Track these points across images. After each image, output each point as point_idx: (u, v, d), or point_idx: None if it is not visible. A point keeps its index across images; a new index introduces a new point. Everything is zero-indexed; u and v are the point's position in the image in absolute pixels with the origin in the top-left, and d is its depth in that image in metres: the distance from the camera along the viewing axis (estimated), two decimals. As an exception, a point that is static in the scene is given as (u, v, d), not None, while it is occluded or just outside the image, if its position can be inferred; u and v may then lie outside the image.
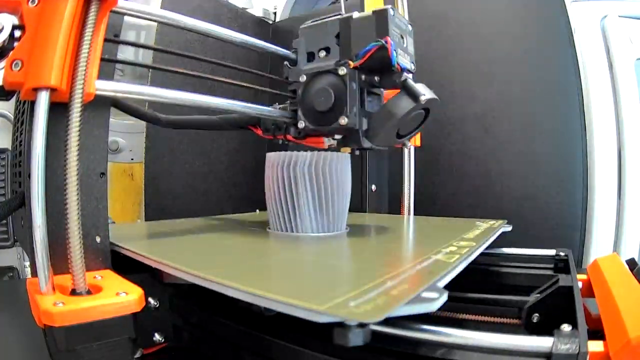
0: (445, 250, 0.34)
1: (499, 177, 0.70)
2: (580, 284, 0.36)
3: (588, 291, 0.37)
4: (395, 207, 0.72)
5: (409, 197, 0.70)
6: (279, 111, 0.47)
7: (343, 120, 0.42)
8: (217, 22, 0.44)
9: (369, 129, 0.43)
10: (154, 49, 0.58)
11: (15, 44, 0.30)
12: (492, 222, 0.52)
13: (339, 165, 0.45)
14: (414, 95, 0.39)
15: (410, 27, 0.45)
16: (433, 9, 0.77)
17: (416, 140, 0.68)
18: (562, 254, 0.44)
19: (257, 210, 0.77)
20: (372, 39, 0.40)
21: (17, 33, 0.30)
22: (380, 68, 0.42)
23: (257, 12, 0.97)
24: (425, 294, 0.22)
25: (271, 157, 0.46)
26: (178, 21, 0.40)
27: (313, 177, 0.44)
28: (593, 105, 0.68)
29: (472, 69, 0.73)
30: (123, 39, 0.40)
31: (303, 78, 0.45)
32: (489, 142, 0.71)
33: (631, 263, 0.38)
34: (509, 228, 0.51)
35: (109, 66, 0.37)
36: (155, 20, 0.40)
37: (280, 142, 0.52)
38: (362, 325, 0.20)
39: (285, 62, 0.47)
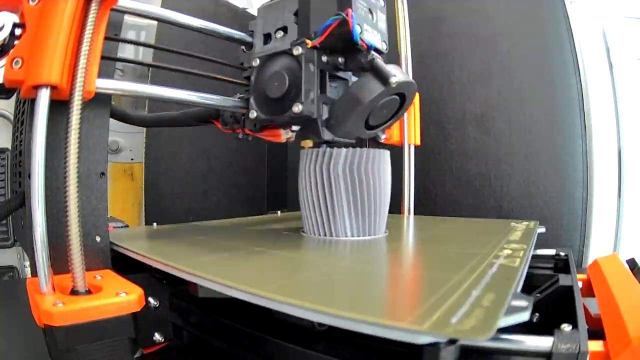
0: (502, 254, 0.32)
1: (499, 177, 0.70)
2: (580, 284, 0.36)
3: (588, 291, 0.37)
4: (395, 207, 0.72)
5: (409, 197, 0.70)
6: (231, 100, 0.42)
7: (297, 108, 0.35)
8: (217, 22, 0.44)
9: (330, 118, 0.37)
10: (154, 47, 0.58)
11: (16, 41, 0.30)
12: (525, 222, 0.51)
13: (380, 163, 0.41)
14: (383, 78, 0.34)
15: (382, 2, 0.40)
16: (433, 9, 0.77)
17: (416, 139, 0.68)
18: (562, 253, 0.44)
19: (279, 212, 0.75)
20: (334, 14, 0.34)
21: (18, 31, 0.31)
22: (345, 48, 0.36)
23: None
24: (515, 303, 0.20)
25: (305, 153, 0.42)
26: (178, 20, 0.41)
27: (355, 176, 0.39)
28: (593, 105, 0.68)
29: (472, 69, 0.73)
30: (123, 37, 0.40)
31: (256, 62, 0.39)
32: (489, 142, 0.71)
33: (631, 263, 0.38)
34: (543, 229, 0.49)
35: (109, 66, 0.37)
36: (155, 19, 0.40)
37: (240, 136, 0.47)
38: (451, 342, 0.18)
39: (242, 47, 0.43)
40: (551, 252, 0.46)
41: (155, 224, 0.55)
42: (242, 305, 0.25)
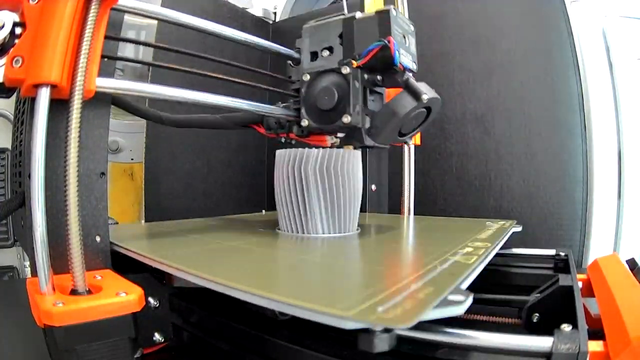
0: (461, 252, 0.33)
1: (499, 177, 0.70)
2: (580, 284, 0.36)
3: (588, 291, 0.37)
4: (395, 207, 0.72)
5: (409, 197, 0.70)
6: (282, 109, 0.48)
7: (346, 119, 0.42)
8: (217, 22, 0.44)
9: (371, 127, 0.43)
10: (153, 46, 0.58)
11: (16, 40, 0.30)
12: (502, 222, 0.52)
13: (351, 163, 0.44)
14: (416, 95, 0.40)
15: (412, 27, 0.45)
16: (433, 9, 0.77)
17: (416, 138, 0.68)
18: (562, 253, 0.44)
19: (263, 211, 0.76)
20: (375, 38, 0.40)
21: (18, 30, 0.31)
22: (383, 67, 0.42)
23: (257, 12, 0.97)
24: (452, 297, 0.21)
25: (280, 154, 0.45)
26: (178, 19, 0.41)
27: (324, 175, 0.43)
28: (593, 105, 0.68)
29: (472, 69, 0.73)
30: (123, 37, 0.40)
31: (306, 77, 0.45)
32: (489, 142, 0.71)
33: (631, 263, 0.38)
34: (519, 228, 0.50)
35: (109, 66, 0.37)
36: (155, 18, 0.40)
37: (283, 140, 0.52)
38: (387, 331, 0.19)
39: (289, 61, 0.48)
40: (551, 252, 0.46)
41: (142, 220, 0.56)
42: (242, 305, 0.25)
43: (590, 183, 0.67)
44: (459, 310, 0.20)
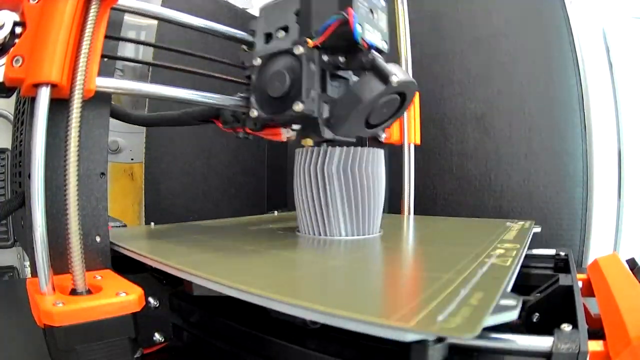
0: (494, 253, 0.32)
1: (499, 177, 0.70)
2: (580, 284, 0.36)
3: (588, 291, 0.37)
4: (395, 207, 0.72)
5: (409, 197, 0.70)
6: (232, 99, 0.42)
7: (297, 106, 0.36)
8: (216, 22, 0.44)
9: (331, 117, 0.38)
10: (153, 46, 0.58)
11: (16, 40, 0.30)
12: (521, 222, 0.51)
13: (374, 162, 0.42)
14: (383, 77, 0.35)
15: (382, 2, 0.40)
16: (433, 9, 0.77)
17: (416, 138, 0.68)
18: (562, 253, 0.44)
19: (276, 212, 0.75)
20: (335, 13, 0.35)
21: (18, 30, 0.31)
22: (346, 47, 0.37)
23: (257, 12, 0.97)
24: (503, 302, 0.20)
25: (299, 153, 0.42)
26: (178, 19, 0.41)
27: (348, 175, 0.40)
28: (593, 105, 0.68)
29: (472, 69, 0.73)
30: (123, 36, 0.40)
31: (257, 61, 0.40)
32: (489, 142, 0.71)
33: (631, 263, 0.38)
34: (538, 229, 0.49)
35: (109, 66, 0.37)
36: (155, 18, 0.40)
37: (241, 135, 0.47)
38: (440, 340, 0.18)
39: (242, 46, 0.43)
40: (551, 252, 0.46)
41: (152, 223, 0.56)
42: (242, 305, 0.25)
43: (590, 183, 0.67)
44: (513, 315, 0.19)
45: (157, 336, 0.38)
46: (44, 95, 0.30)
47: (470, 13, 0.74)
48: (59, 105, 0.31)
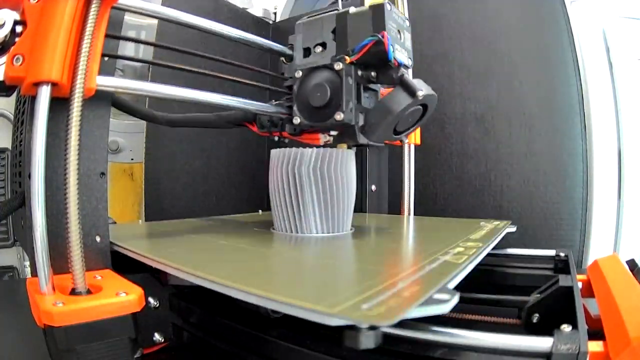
0: (452, 251, 0.33)
1: (499, 177, 0.70)
2: (580, 284, 0.36)
3: (588, 291, 0.37)
4: (395, 207, 0.72)
5: (409, 197, 0.70)
6: (274, 107, 0.47)
7: (339, 116, 0.41)
8: (217, 22, 0.44)
9: (365, 125, 0.42)
10: (153, 45, 0.58)
11: (17, 39, 0.30)
12: (496, 222, 0.52)
13: (345, 163, 0.44)
14: (411, 91, 0.39)
15: (407, 23, 0.44)
16: (433, 9, 0.77)
17: (416, 138, 0.68)
18: (562, 254, 0.44)
19: (260, 211, 0.76)
20: (369, 34, 0.39)
21: (19, 28, 0.31)
22: (377, 63, 0.41)
23: (257, 12, 0.97)
24: (437, 296, 0.21)
25: (274, 154, 0.45)
26: (178, 18, 0.41)
27: (318, 176, 0.43)
28: (593, 105, 0.68)
29: (472, 69, 0.73)
30: (123, 35, 0.40)
31: (299, 74, 0.44)
32: (489, 142, 0.71)
33: (631, 263, 0.38)
34: (513, 229, 0.50)
35: (110, 65, 0.37)
36: (155, 17, 0.40)
37: (277, 139, 0.52)
38: (373, 328, 0.19)
39: (281, 58, 0.47)
40: (551, 252, 0.46)
41: (140, 220, 0.57)
42: (237, 303, 0.25)
43: (590, 183, 0.67)
44: (443, 309, 0.20)
45: (157, 336, 0.38)
46: (44, 94, 0.30)
47: (470, 13, 0.74)
48: (59, 104, 0.31)
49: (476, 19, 0.74)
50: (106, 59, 0.37)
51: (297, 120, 0.44)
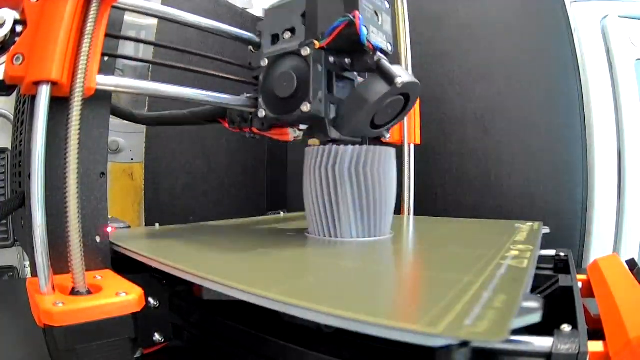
0: (509, 255, 0.32)
1: (499, 177, 0.70)
2: (580, 284, 0.36)
3: (588, 291, 0.37)
4: (395, 207, 0.72)
5: (409, 197, 0.70)
6: (240, 99, 0.43)
7: (306, 107, 0.36)
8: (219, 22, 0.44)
9: (337, 117, 0.38)
10: (153, 44, 0.58)
11: (17, 38, 0.31)
12: (529, 223, 0.51)
13: (386, 162, 0.41)
14: (389, 78, 0.35)
15: (387, 5, 0.41)
16: (433, 9, 0.77)
17: (416, 137, 0.68)
18: (562, 254, 0.44)
19: (281, 213, 0.75)
20: (341, 15, 0.35)
21: (19, 28, 0.31)
22: (351, 48, 0.37)
23: (257, 12, 0.97)
24: (526, 304, 0.20)
25: (309, 152, 0.41)
26: (178, 17, 0.41)
27: (361, 176, 0.39)
28: (593, 105, 0.68)
29: (472, 69, 0.73)
30: (123, 34, 0.40)
31: (265, 62, 0.40)
32: (489, 142, 0.71)
33: (631, 263, 0.38)
34: (547, 230, 0.49)
35: (110, 65, 0.37)
36: (155, 16, 0.40)
37: (247, 135, 0.48)
38: (464, 344, 0.18)
39: (249, 47, 0.44)
40: (551, 252, 0.46)
41: (157, 224, 0.55)
42: (243, 305, 0.25)
43: (590, 183, 0.67)
44: (536, 317, 0.19)
45: (157, 336, 0.38)
46: (44, 93, 0.30)
47: (470, 13, 0.74)
48: (59, 104, 0.31)
49: (476, 18, 0.74)
50: (106, 58, 0.37)
51: (262, 113, 0.40)
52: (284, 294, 0.22)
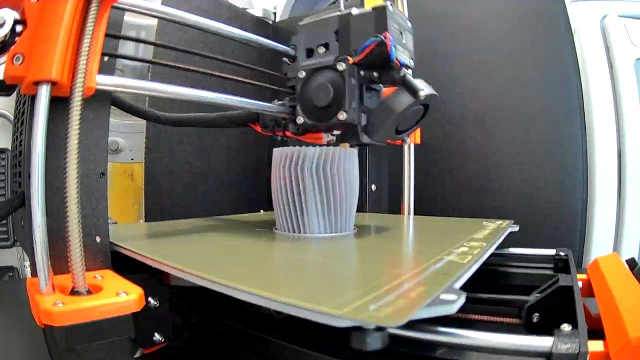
0: (456, 251, 0.33)
1: (499, 177, 0.70)
2: (580, 284, 0.36)
3: (588, 291, 0.37)
4: (395, 207, 0.72)
5: (409, 197, 0.70)
6: (278, 107, 0.47)
7: (342, 116, 0.42)
8: (218, 22, 0.44)
9: (368, 125, 0.43)
10: (153, 44, 0.58)
11: (17, 38, 0.31)
12: (499, 222, 0.52)
13: (347, 162, 0.44)
14: (413, 91, 0.40)
15: (409, 24, 0.45)
16: (433, 9, 0.77)
17: (416, 137, 0.68)
18: (562, 253, 0.44)
19: (262, 211, 0.76)
20: (371, 34, 0.40)
21: (19, 28, 0.31)
22: (379, 64, 0.42)
23: (257, 12, 0.97)
24: (444, 296, 0.21)
25: (276, 153, 0.45)
26: (178, 17, 0.41)
27: (321, 176, 0.42)
28: (593, 105, 0.68)
29: (472, 69, 0.73)
30: (123, 34, 0.40)
31: (302, 74, 0.45)
32: (489, 142, 0.71)
33: (631, 263, 0.38)
34: (516, 228, 0.50)
35: (110, 65, 0.37)
36: (155, 16, 0.40)
37: (280, 138, 0.52)
38: (380, 329, 0.19)
39: (284, 58, 0.47)
40: (551, 252, 0.46)
41: (141, 220, 0.56)
42: (239, 304, 0.25)
43: (590, 183, 0.67)
44: (450, 309, 0.20)
45: (157, 336, 0.38)
46: (44, 93, 0.30)
47: (470, 13, 0.74)
48: (59, 104, 0.31)
49: (476, 18, 0.74)
50: (106, 58, 0.37)
51: (300, 120, 0.45)
52: (231, 280, 0.25)
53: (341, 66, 0.42)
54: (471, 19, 0.74)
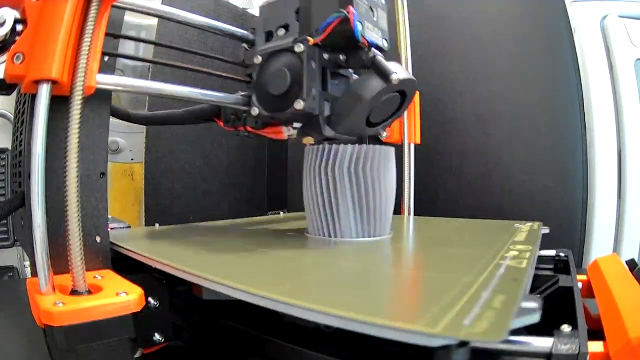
0: (508, 255, 0.32)
1: (499, 177, 0.70)
2: (580, 284, 0.36)
3: (588, 291, 0.37)
4: (395, 206, 0.72)
5: (409, 197, 0.70)
6: (233, 97, 0.42)
7: (299, 105, 0.36)
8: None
9: (332, 115, 0.38)
10: (153, 43, 0.58)
11: (17, 37, 0.31)
12: (529, 224, 0.50)
13: (385, 161, 0.41)
14: (384, 75, 0.35)
15: (383, 0, 0.40)
16: (433, 9, 0.77)
17: (416, 137, 0.68)
18: (562, 254, 0.44)
19: (281, 213, 0.75)
20: (335, 11, 0.35)
21: (19, 27, 0.31)
22: (346, 45, 0.37)
23: (257, 12, 0.96)
24: (525, 304, 0.20)
25: (308, 152, 0.41)
26: (177, 17, 0.41)
27: (359, 176, 0.39)
28: (593, 105, 0.68)
29: (473, 69, 0.73)
30: (124, 34, 0.40)
31: (258, 59, 0.40)
32: (489, 142, 0.71)
33: (631, 263, 0.38)
34: (547, 230, 0.49)
35: (110, 65, 0.37)
36: (155, 16, 0.40)
37: (241, 134, 0.47)
38: (463, 344, 0.18)
39: (243, 44, 0.43)
40: (551, 252, 0.46)
41: (157, 224, 0.55)
42: (243, 305, 0.25)
43: (590, 183, 0.67)
44: (534, 318, 0.19)
45: (157, 336, 0.38)
46: (44, 92, 0.30)
47: (470, 13, 0.74)
48: (59, 104, 0.31)
49: (476, 18, 0.74)
50: (106, 57, 0.37)
51: (255, 111, 0.40)
52: (283, 294, 0.22)
53: (299, 48, 0.36)
54: (471, 19, 0.74)
